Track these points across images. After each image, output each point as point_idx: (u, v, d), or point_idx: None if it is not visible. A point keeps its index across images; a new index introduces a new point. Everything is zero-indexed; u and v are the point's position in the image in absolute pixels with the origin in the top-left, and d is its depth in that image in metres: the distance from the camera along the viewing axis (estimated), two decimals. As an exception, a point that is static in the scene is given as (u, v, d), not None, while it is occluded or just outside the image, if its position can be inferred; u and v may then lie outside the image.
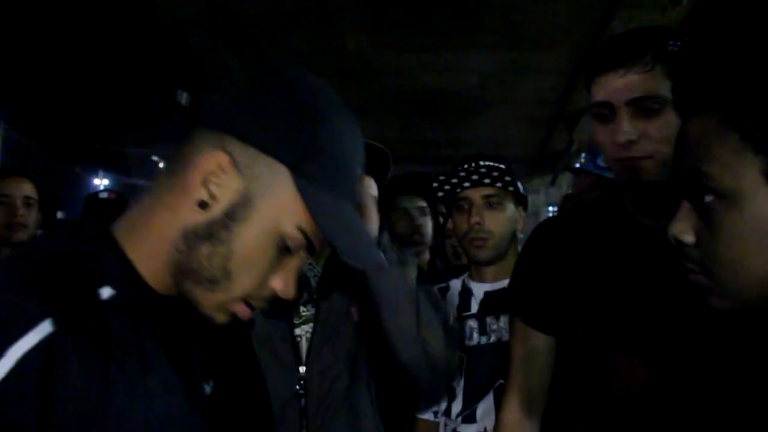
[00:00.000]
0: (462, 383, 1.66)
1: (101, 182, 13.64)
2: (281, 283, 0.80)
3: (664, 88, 1.09)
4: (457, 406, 1.68)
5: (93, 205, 2.97)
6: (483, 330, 1.68)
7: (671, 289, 1.06)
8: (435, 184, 1.78)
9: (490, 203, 1.72)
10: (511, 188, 1.73)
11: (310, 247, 0.79)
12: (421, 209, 2.37)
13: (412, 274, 1.32)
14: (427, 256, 2.53)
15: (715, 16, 0.73)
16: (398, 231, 2.35)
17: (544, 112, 6.23)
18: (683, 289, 0.88)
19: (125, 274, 0.76)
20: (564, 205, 2.85)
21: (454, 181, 1.73)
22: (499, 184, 1.71)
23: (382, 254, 0.82)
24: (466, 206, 1.73)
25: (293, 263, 0.80)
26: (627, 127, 1.11)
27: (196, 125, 0.78)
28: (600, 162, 2.30)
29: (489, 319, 1.68)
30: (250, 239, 0.76)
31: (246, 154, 0.75)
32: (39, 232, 2.57)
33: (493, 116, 6.03)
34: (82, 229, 0.79)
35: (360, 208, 0.84)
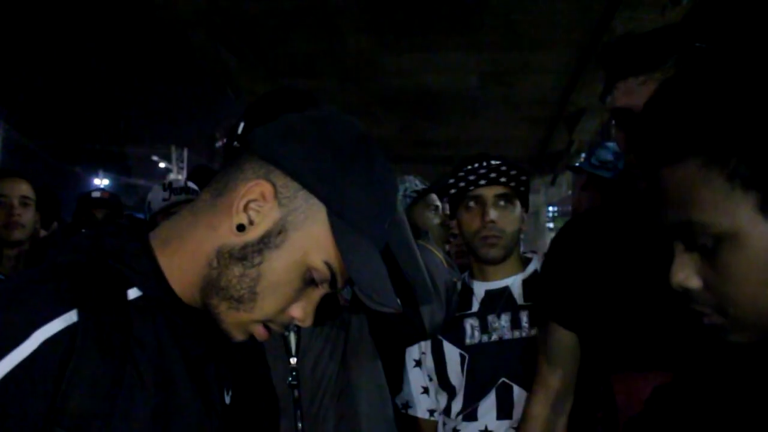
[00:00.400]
0: (463, 382, 1.67)
1: (101, 182, 13.66)
2: (300, 312, 0.85)
3: None
4: (457, 405, 1.68)
5: (85, 205, 3.01)
6: (484, 328, 1.68)
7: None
8: (451, 181, 1.78)
9: (502, 202, 1.73)
10: (522, 188, 1.75)
11: (333, 282, 0.83)
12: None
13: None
14: None
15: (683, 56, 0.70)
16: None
17: (544, 112, 6.23)
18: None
19: (154, 279, 0.81)
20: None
21: (472, 177, 1.73)
22: (512, 184, 1.72)
23: (398, 300, 0.86)
24: (478, 204, 1.73)
25: (315, 294, 0.85)
26: None
27: (247, 152, 0.83)
28: (594, 161, 2.30)
29: (490, 318, 1.68)
30: (279, 266, 0.80)
31: (288, 186, 0.80)
32: (42, 232, 2.58)
33: (493, 116, 6.04)
34: (122, 231, 0.84)
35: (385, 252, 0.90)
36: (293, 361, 1.34)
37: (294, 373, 1.33)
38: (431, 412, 1.75)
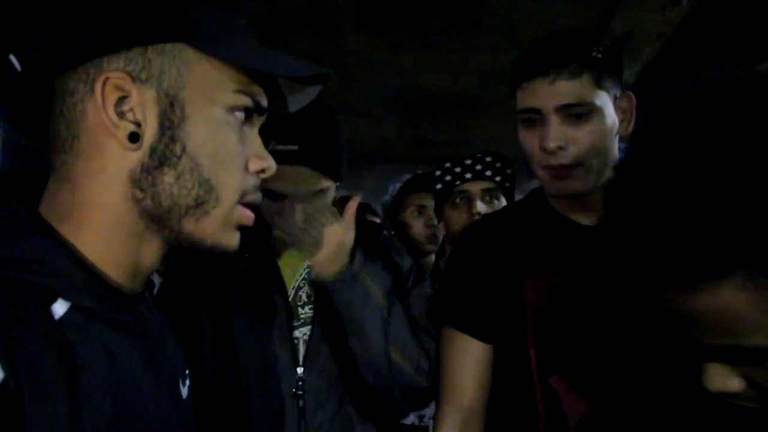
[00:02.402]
0: None
1: (101, 182, 13.63)
2: (259, 162, 0.71)
3: (592, 95, 1.10)
4: None
5: None
6: None
7: (610, 286, 1.05)
8: (438, 173, 1.78)
9: (489, 197, 1.72)
10: (507, 184, 1.74)
11: (258, 106, 0.70)
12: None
13: (382, 284, 1.30)
14: (432, 257, 2.49)
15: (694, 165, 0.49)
16: (414, 232, 2.31)
17: (544, 112, 6.20)
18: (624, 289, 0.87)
19: (80, 276, 0.62)
20: None
21: (458, 170, 1.73)
22: (498, 178, 1.72)
23: (313, 66, 0.74)
24: (465, 199, 1.73)
25: (254, 136, 0.71)
26: (557, 133, 1.10)
27: (48, 78, 0.64)
28: None
29: None
30: (205, 133, 0.65)
31: (132, 58, 0.63)
32: None
33: (493, 116, 6.03)
34: (17, 228, 0.61)
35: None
36: (300, 371, 1.33)
37: (300, 383, 1.32)
38: (420, 417, 1.74)
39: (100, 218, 0.64)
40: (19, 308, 0.56)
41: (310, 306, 1.37)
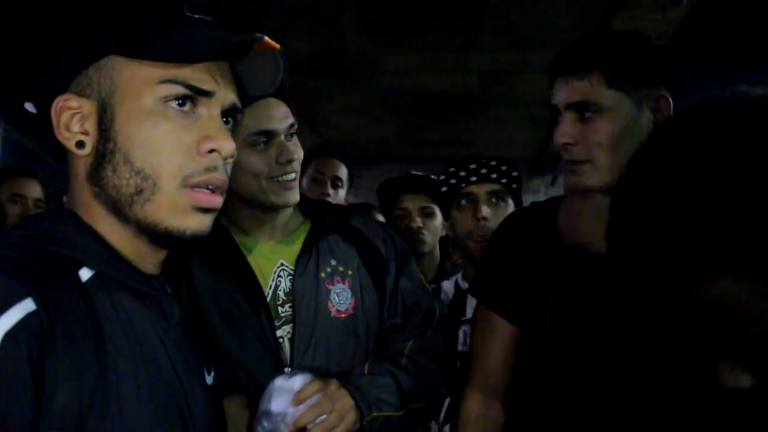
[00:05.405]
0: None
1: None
2: (208, 143, 0.75)
3: (601, 95, 1.14)
4: (443, 413, 1.67)
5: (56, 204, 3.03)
6: None
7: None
8: (442, 177, 1.78)
9: (495, 199, 1.72)
10: (514, 185, 1.74)
11: (196, 89, 0.75)
12: (423, 209, 2.33)
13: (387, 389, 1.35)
14: (437, 258, 2.46)
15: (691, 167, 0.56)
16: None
17: (544, 112, 6.19)
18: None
19: (101, 251, 0.74)
20: None
21: (463, 174, 1.73)
22: (504, 180, 1.72)
23: (227, 36, 0.77)
24: (470, 202, 1.73)
25: (207, 119, 0.76)
26: (565, 130, 1.16)
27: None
28: None
29: None
30: (132, 129, 0.74)
31: (78, 81, 0.76)
32: None
33: (493, 116, 6.03)
34: (51, 214, 0.81)
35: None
36: (287, 371, 1.31)
37: None
38: None
39: (89, 211, 0.76)
40: (50, 269, 0.68)
41: (289, 304, 1.35)
